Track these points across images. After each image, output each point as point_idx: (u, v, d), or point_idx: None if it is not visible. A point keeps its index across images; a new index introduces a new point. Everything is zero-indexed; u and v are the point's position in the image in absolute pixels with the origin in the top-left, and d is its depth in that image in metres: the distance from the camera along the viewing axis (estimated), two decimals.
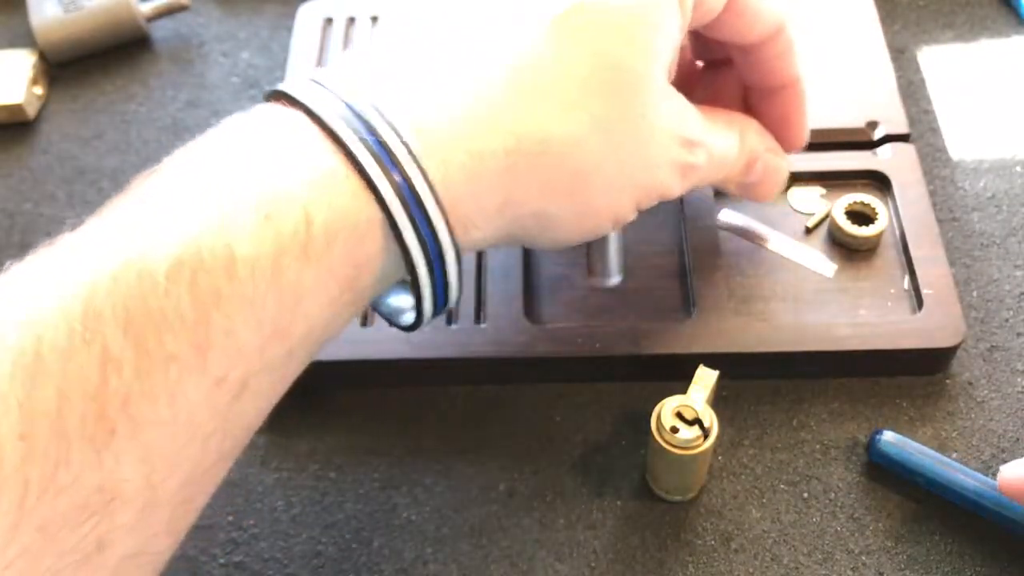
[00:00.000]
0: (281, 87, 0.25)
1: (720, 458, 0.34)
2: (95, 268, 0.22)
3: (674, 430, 0.30)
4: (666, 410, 0.30)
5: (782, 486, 0.33)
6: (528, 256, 0.37)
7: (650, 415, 0.30)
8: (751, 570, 0.32)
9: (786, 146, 0.34)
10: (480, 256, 0.37)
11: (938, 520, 0.32)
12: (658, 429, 0.30)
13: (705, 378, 0.31)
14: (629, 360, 0.34)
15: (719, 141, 0.31)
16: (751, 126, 0.33)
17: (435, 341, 0.35)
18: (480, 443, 0.34)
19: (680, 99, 0.29)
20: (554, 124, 0.26)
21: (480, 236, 0.27)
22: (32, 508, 0.20)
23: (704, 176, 0.31)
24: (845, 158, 0.39)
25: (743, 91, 0.34)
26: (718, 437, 0.30)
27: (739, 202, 0.38)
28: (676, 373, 0.32)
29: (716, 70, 0.35)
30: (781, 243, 0.38)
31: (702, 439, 0.30)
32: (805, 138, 0.34)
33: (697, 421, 0.30)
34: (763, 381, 0.35)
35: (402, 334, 0.30)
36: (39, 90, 0.46)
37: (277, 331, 0.23)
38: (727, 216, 0.38)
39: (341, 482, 0.34)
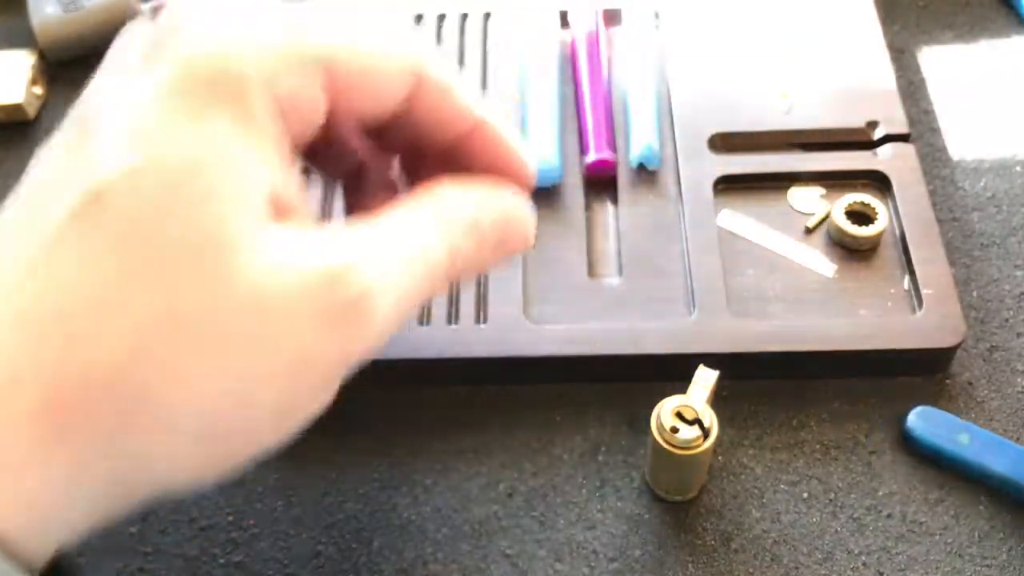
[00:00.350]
0: None
1: (720, 458, 0.34)
2: None
3: (674, 430, 0.30)
4: (666, 410, 0.30)
5: (782, 486, 0.33)
6: (528, 257, 0.37)
7: (650, 415, 0.30)
8: (751, 570, 0.32)
9: (514, 183, 0.28)
10: None
11: (938, 520, 0.32)
12: (658, 429, 0.30)
13: (705, 378, 0.31)
14: (629, 360, 0.34)
15: (394, 245, 0.23)
16: (443, 195, 0.26)
17: (435, 341, 0.35)
18: (480, 443, 0.34)
19: (291, 230, 0.22)
20: (95, 350, 0.20)
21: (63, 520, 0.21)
22: None
23: (402, 298, 0.23)
24: (845, 158, 0.39)
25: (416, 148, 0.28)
26: (718, 437, 0.30)
27: (740, 205, 0.38)
28: (676, 373, 0.32)
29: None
30: (781, 243, 0.38)
31: (702, 439, 0.30)
32: (530, 169, 0.29)
33: (697, 421, 0.30)
34: (763, 381, 0.35)
35: (401, 335, 0.30)
36: (39, 90, 0.46)
37: None
38: (727, 216, 0.38)
39: (341, 482, 0.34)
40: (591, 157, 0.40)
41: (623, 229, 0.38)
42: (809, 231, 0.38)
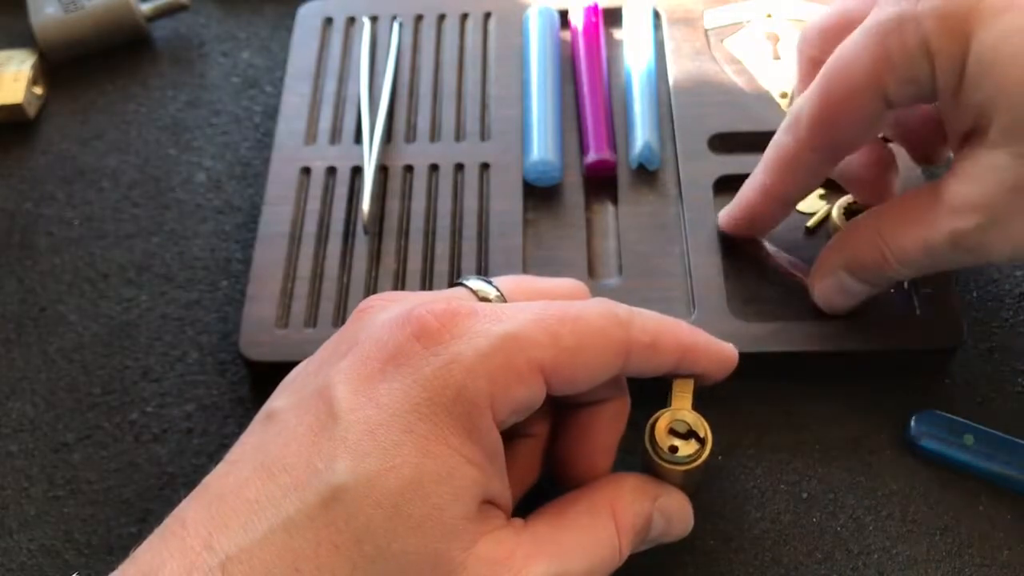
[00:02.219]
0: None
1: (720, 458, 0.34)
2: None
3: (673, 449, 0.29)
4: (659, 430, 0.29)
5: (782, 486, 0.33)
6: (528, 257, 0.37)
7: (649, 415, 0.30)
8: (751, 570, 0.32)
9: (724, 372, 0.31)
10: (480, 258, 0.37)
11: (938, 520, 0.32)
12: (656, 452, 0.29)
13: (683, 387, 0.30)
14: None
15: (570, 549, 0.27)
16: (622, 493, 0.28)
17: None
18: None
19: (489, 540, 0.25)
20: None
21: None
22: None
23: None
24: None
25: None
26: (714, 442, 0.30)
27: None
28: (676, 373, 0.32)
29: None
30: (781, 243, 0.38)
31: (702, 449, 0.29)
32: (734, 356, 0.31)
33: (691, 433, 0.29)
34: (763, 381, 0.35)
35: None
36: (39, 90, 0.46)
37: None
38: None
39: None
40: (591, 157, 0.40)
41: (623, 229, 0.38)
42: (809, 231, 0.38)
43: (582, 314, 0.27)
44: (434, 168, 0.40)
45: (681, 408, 0.29)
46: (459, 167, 0.40)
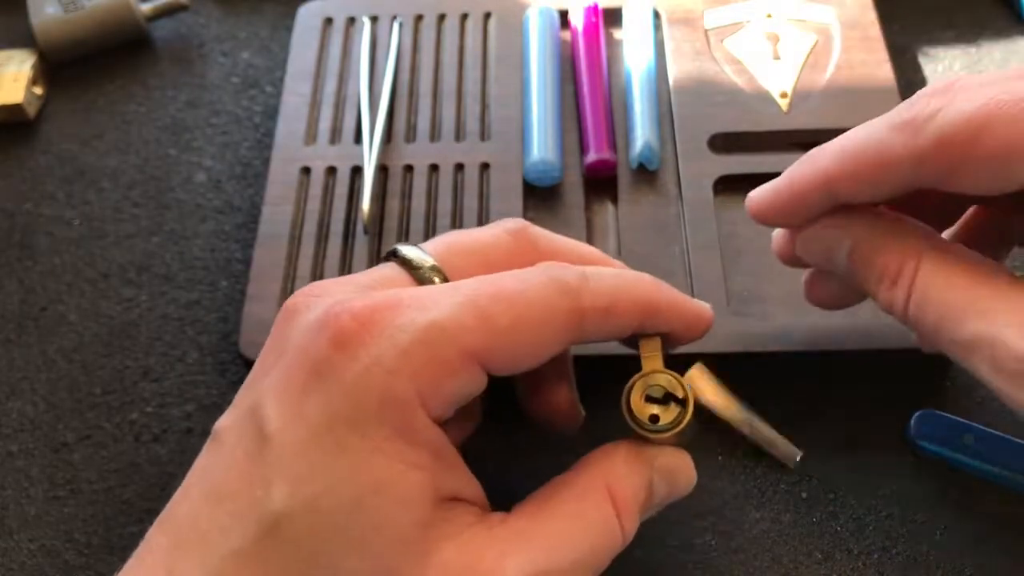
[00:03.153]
0: None
1: (720, 458, 0.34)
2: None
3: (654, 419, 0.27)
4: (635, 401, 0.27)
5: (782, 486, 0.33)
6: None
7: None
8: (751, 570, 0.32)
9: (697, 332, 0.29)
10: None
11: (938, 520, 0.32)
12: (637, 425, 0.27)
13: (650, 346, 0.27)
14: (629, 360, 0.34)
15: (558, 536, 0.25)
16: (615, 466, 0.26)
17: None
18: (480, 443, 0.34)
19: (452, 547, 0.24)
20: None
21: None
22: None
23: None
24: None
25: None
26: (695, 400, 0.27)
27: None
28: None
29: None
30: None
31: (684, 411, 0.27)
32: (708, 313, 0.29)
33: (669, 396, 0.27)
34: (763, 381, 0.35)
35: None
36: (39, 90, 0.46)
37: None
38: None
39: None
40: (591, 157, 0.40)
41: (623, 229, 0.38)
42: None
43: (521, 288, 0.25)
44: (434, 168, 0.40)
45: (653, 371, 0.27)
46: (459, 167, 0.40)
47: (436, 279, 0.26)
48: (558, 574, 0.24)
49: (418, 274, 0.27)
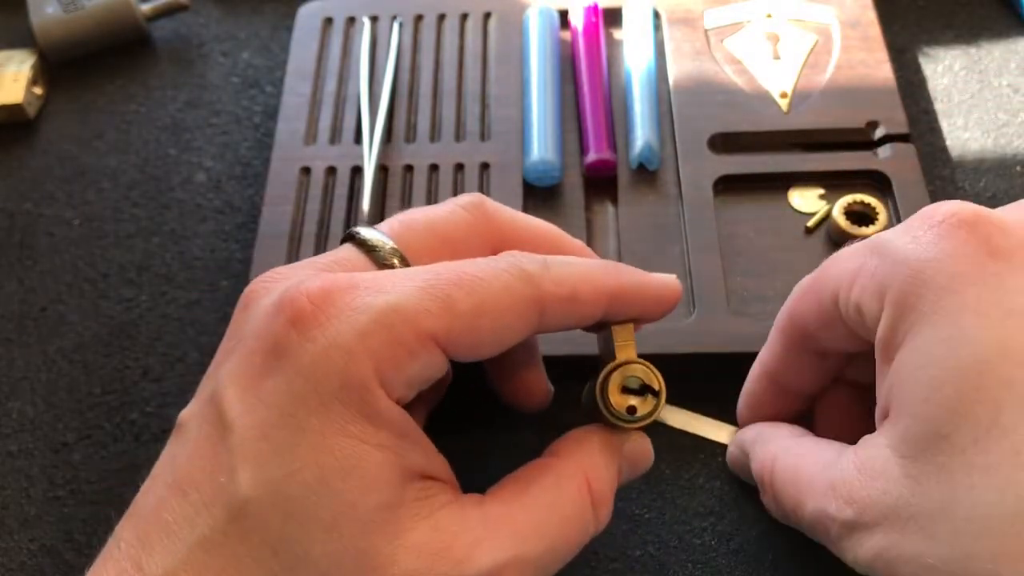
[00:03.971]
0: None
1: (720, 458, 0.34)
2: None
3: (631, 410, 0.26)
4: (612, 391, 0.26)
5: None
6: None
7: None
8: (751, 570, 0.32)
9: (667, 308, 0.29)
10: None
11: None
12: (614, 416, 0.26)
13: (623, 335, 0.27)
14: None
15: (531, 520, 0.25)
16: (593, 455, 0.27)
17: None
18: (481, 443, 0.34)
19: (422, 527, 0.23)
20: None
21: None
22: None
23: (536, 565, 0.25)
24: (845, 158, 0.39)
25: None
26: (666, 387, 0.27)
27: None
28: (676, 373, 0.32)
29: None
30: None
31: (658, 401, 0.26)
32: (675, 287, 0.28)
33: (645, 387, 0.27)
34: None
35: None
36: (39, 90, 0.46)
37: None
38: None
39: None
40: (591, 157, 0.40)
41: (623, 229, 0.38)
42: (809, 231, 0.38)
43: (481, 274, 0.24)
44: (434, 168, 0.40)
45: (628, 361, 0.27)
46: (459, 167, 0.40)
47: (395, 261, 0.26)
48: (531, 562, 0.24)
49: (376, 256, 0.26)
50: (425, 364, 0.24)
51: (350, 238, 0.27)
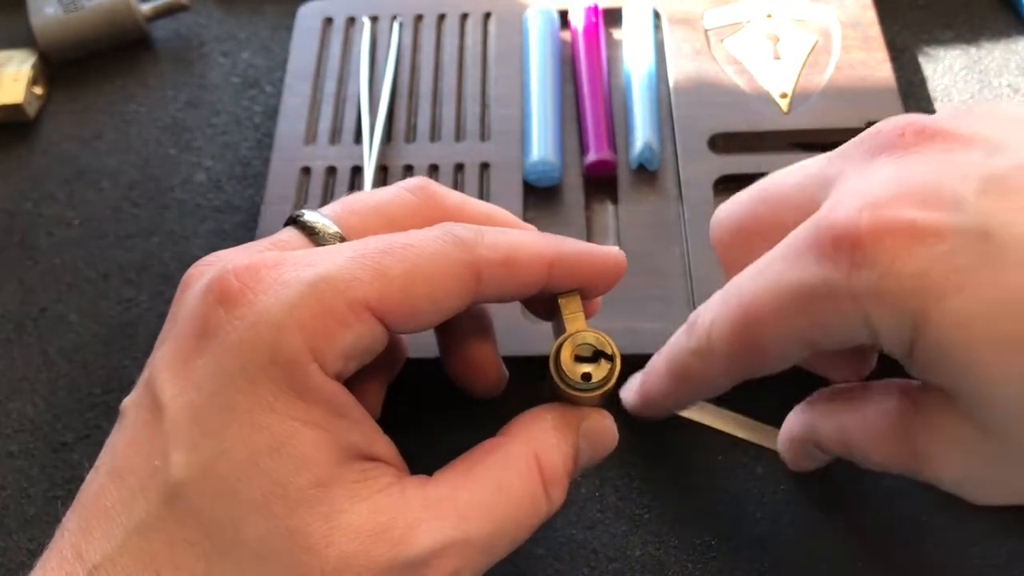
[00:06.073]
0: None
1: (720, 458, 0.34)
2: None
3: (586, 377, 0.26)
4: (564, 361, 0.26)
5: (782, 486, 0.33)
6: None
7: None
8: (751, 570, 0.32)
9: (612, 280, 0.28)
10: None
11: (938, 520, 0.32)
12: (568, 385, 0.26)
13: (571, 305, 0.27)
14: (628, 360, 0.34)
15: (479, 500, 0.24)
16: (545, 434, 0.26)
17: (435, 341, 0.35)
18: (478, 443, 0.34)
19: (360, 509, 0.23)
20: None
21: None
22: None
23: (481, 548, 0.24)
24: None
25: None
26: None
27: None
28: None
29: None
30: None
31: (613, 367, 0.26)
32: (619, 258, 0.28)
33: (598, 353, 0.26)
34: (762, 381, 0.35)
35: (402, 335, 0.30)
36: (39, 90, 0.46)
37: None
38: None
39: None
40: (591, 157, 0.40)
41: (623, 229, 0.38)
42: None
43: (413, 241, 0.24)
44: (434, 168, 0.40)
45: (579, 330, 0.26)
46: (459, 167, 0.40)
47: (336, 244, 0.26)
48: (475, 543, 0.24)
49: (318, 239, 0.26)
50: (360, 335, 0.23)
51: (293, 221, 0.27)
